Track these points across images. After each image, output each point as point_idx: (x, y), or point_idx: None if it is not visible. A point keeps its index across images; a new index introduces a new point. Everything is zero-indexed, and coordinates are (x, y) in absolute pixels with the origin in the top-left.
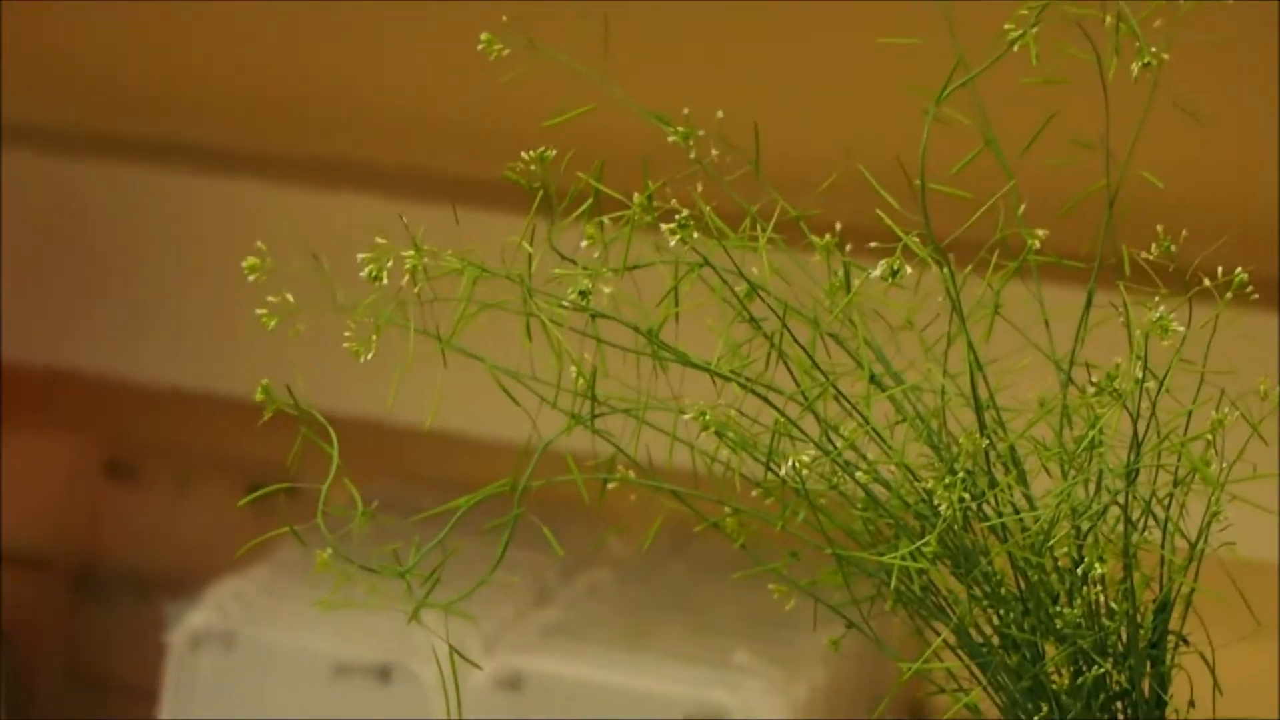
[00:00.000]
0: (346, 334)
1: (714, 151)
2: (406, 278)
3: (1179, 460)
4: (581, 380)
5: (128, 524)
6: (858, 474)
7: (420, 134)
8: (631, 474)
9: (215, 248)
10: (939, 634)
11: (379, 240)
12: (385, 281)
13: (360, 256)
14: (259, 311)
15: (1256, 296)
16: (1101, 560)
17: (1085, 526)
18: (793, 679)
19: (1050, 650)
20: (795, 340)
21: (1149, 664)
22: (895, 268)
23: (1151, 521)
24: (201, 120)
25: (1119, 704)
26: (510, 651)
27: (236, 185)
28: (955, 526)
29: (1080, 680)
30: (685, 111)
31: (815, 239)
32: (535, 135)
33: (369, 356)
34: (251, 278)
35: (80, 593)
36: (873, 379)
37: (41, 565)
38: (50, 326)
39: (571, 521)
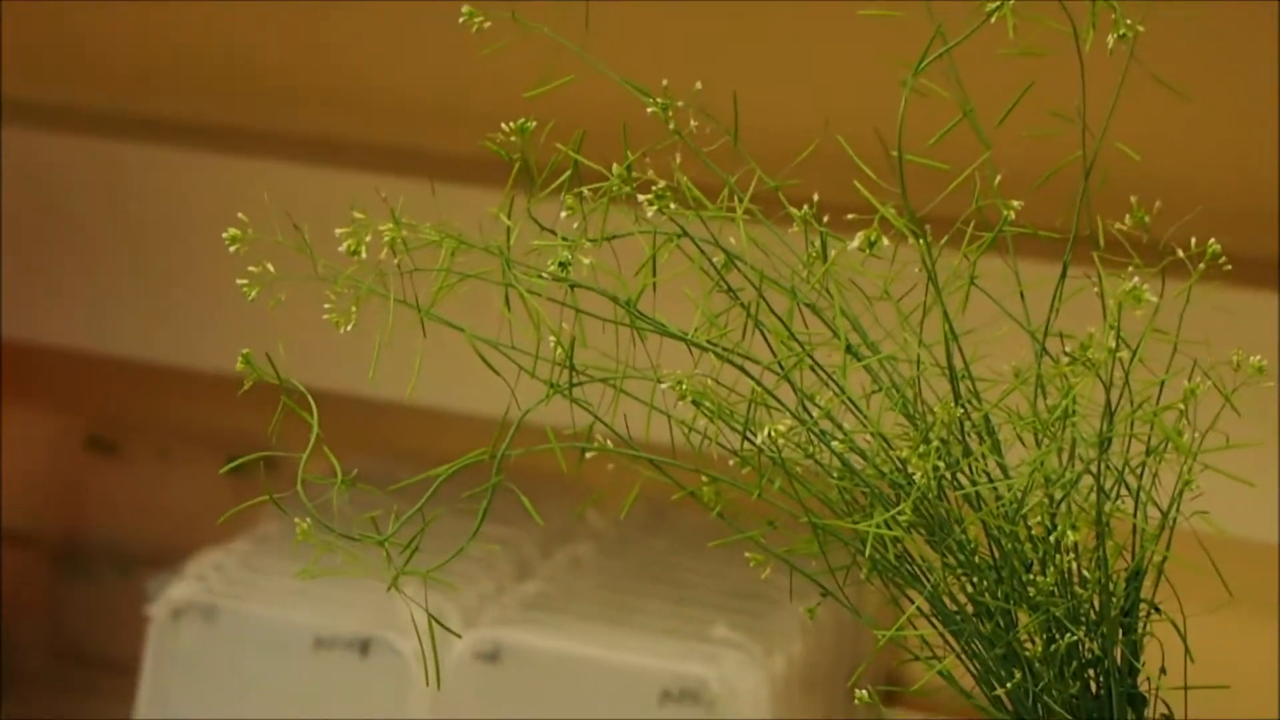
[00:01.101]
0: (327, 305)
1: (693, 123)
2: (385, 251)
3: (1151, 429)
4: (560, 350)
5: (110, 498)
6: (834, 443)
7: (402, 110)
8: (609, 444)
9: (197, 224)
10: (913, 602)
11: (357, 214)
12: (364, 255)
13: (339, 231)
14: (240, 282)
15: (1230, 269)
16: (1074, 528)
17: (1058, 495)
18: (771, 652)
19: (1023, 618)
20: (772, 310)
21: (1121, 632)
22: (872, 239)
23: (1124, 491)
24: (184, 96)
25: (1091, 671)
26: (490, 624)
27: (219, 161)
28: (930, 495)
29: (1053, 648)
30: (664, 83)
31: (793, 210)
32: (516, 110)
33: (349, 328)
34: (233, 249)
35: (62, 567)
36: (849, 349)
37: (24, 540)
38: (31, 302)
39: (552, 496)
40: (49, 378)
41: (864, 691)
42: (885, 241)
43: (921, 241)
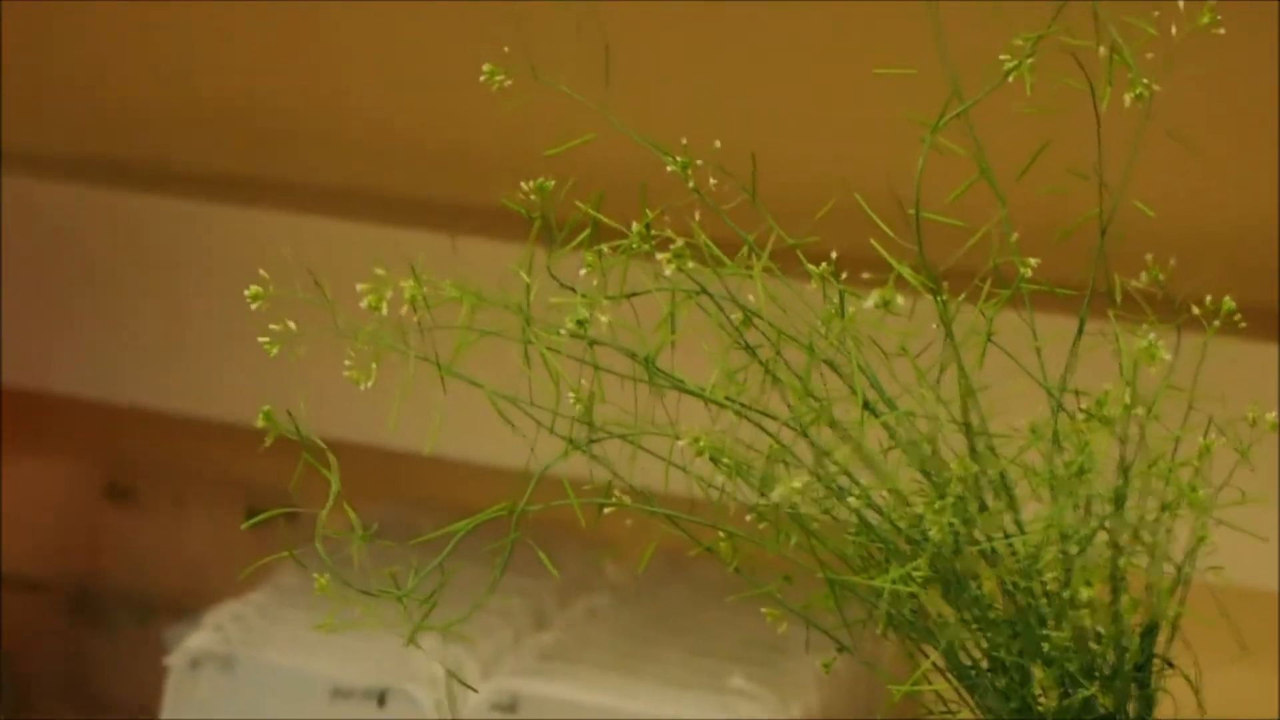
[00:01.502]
0: (347, 362)
1: (712, 181)
2: (406, 307)
3: (1166, 485)
4: (579, 406)
5: (127, 546)
6: (850, 499)
7: (420, 160)
8: (627, 499)
9: (213, 272)
10: (928, 657)
11: (378, 271)
12: (385, 311)
13: (359, 287)
14: (261, 340)
15: (1245, 325)
16: (1088, 584)
17: (1073, 551)
18: (788, 703)
19: (1038, 673)
20: (789, 367)
21: (1135, 687)
22: (887, 299)
23: (1139, 546)
24: (200, 146)
25: None
26: (507, 675)
27: (234, 211)
28: (945, 551)
29: (1067, 703)
30: (684, 141)
31: (811, 267)
32: (535, 162)
33: (369, 384)
34: (255, 306)
35: (79, 615)
36: (866, 405)
37: (40, 587)
38: (49, 350)
39: (570, 547)
40: (66, 426)
41: None
42: (900, 300)
43: (939, 298)
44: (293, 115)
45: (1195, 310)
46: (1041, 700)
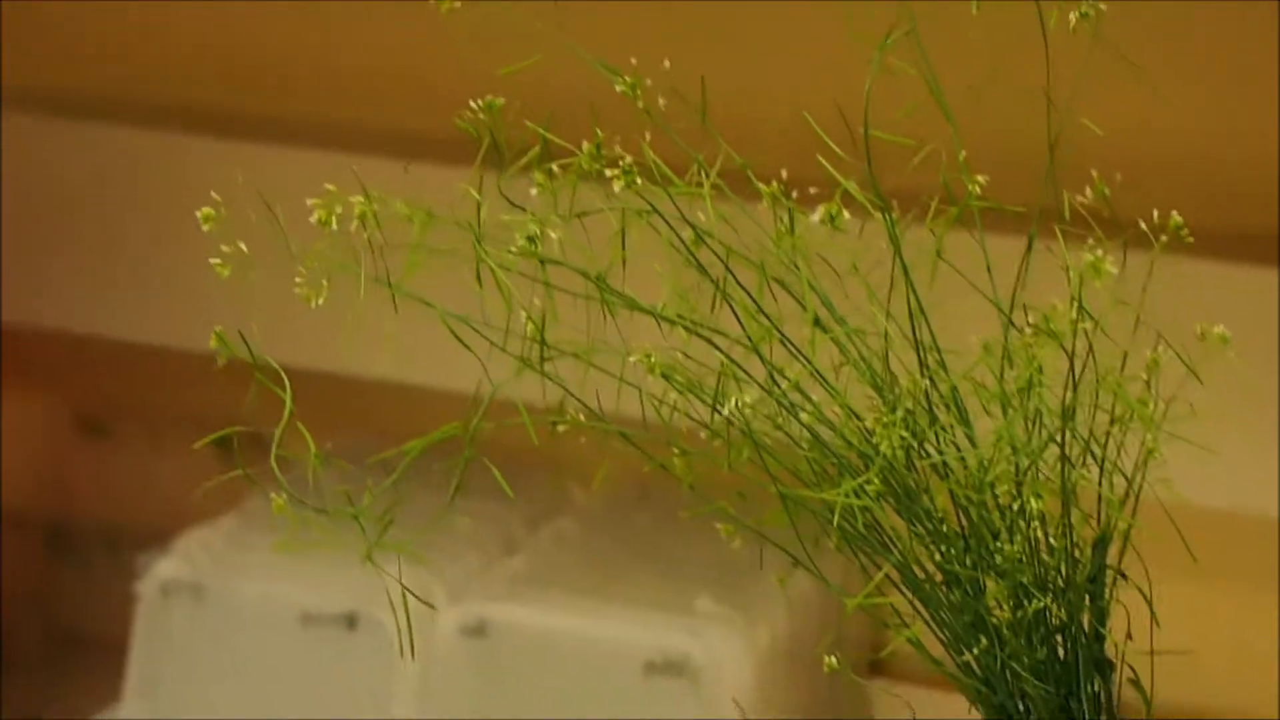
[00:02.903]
0: (297, 280)
1: (661, 101)
2: (355, 224)
3: (1115, 400)
4: (531, 325)
5: (101, 481)
6: (802, 414)
7: (376, 90)
8: (581, 418)
9: (184, 206)
10: (881, 569)
11: (328, 187)
12: (335, 228)
13: (310, 202)
14: (213, 261)
15: (1192, 240)
16: (1038, 496)
17: (1024, 464)
18: (755, 625)
19: (991, 585)
20: (740, 285)
21: (1088, 598)
22: (833, 213)
23: (1090, 460)
24: (170, 82)
25: (1058, 637)
26: (476, 599)
27: (206, 144)
28: (896, 465)
29: (1020, 614)
30: (633, 61)
31: (761, 186)
32: (487, 88)
33: (319, 301)
34: (206, 228)
35: (54, 549)
36: (817, 322)
37: (15, 522)
38: (20, 285)
39: (537, 473)
40: (39, 361)
41: (832, 659)
42: (848, 216)
43: (887, 216)
44: (266, 53)
45: (1143, 225)
46: (996, 612)
